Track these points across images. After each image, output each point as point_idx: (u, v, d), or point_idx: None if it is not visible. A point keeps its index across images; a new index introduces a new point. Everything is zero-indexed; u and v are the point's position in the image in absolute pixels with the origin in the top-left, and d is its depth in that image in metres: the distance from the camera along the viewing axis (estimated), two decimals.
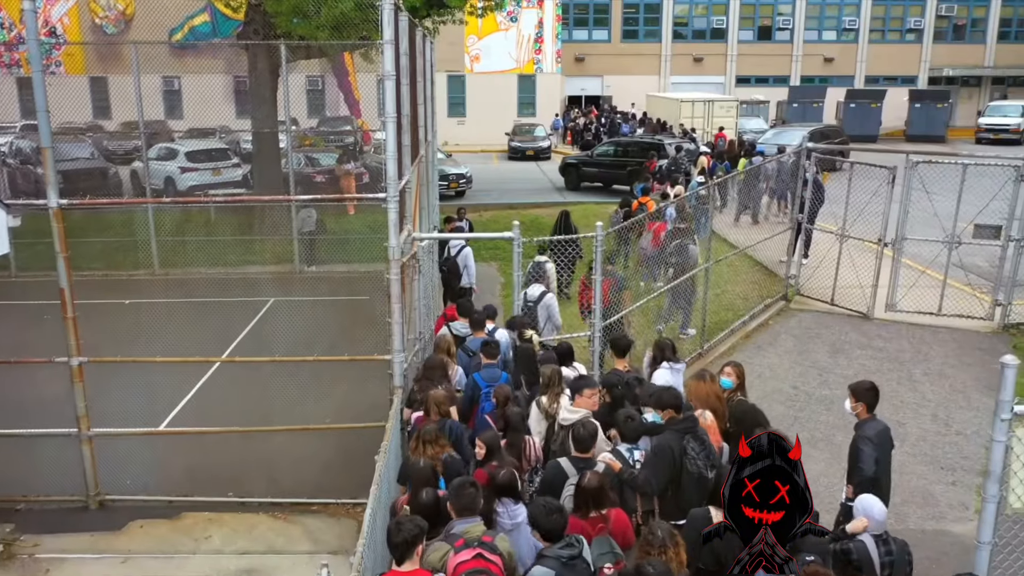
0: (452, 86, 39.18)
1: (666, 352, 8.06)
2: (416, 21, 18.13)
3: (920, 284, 12.12)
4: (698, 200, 12.20)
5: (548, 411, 7.13)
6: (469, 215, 21.45)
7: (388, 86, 7.00)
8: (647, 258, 11.63)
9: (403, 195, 8.27)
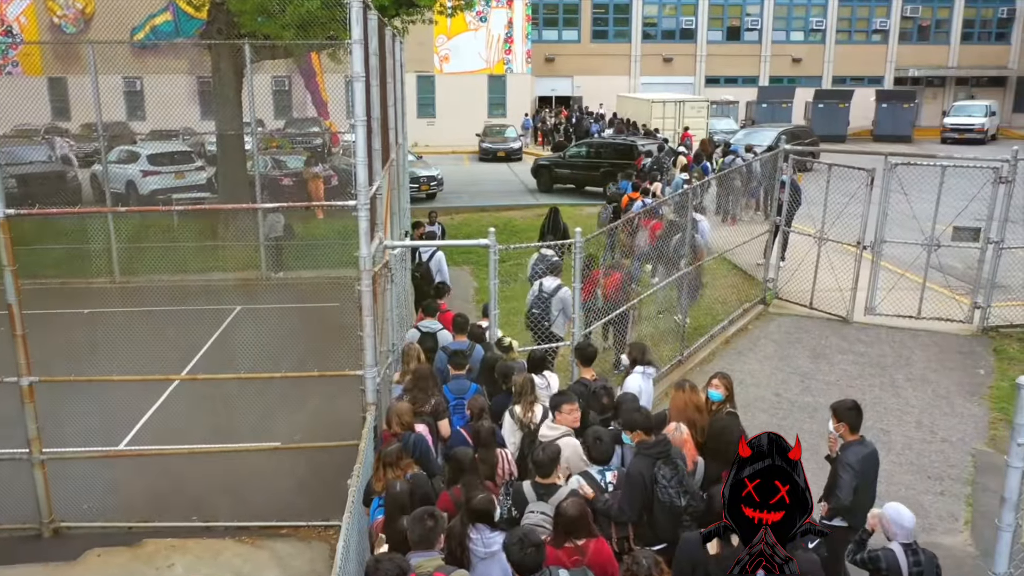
0: (422, 86, 38.76)
1: (643, 355, 7.87)
2: (385, 20, 17.77)
3: (899, 287, 12.01)
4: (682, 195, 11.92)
5: (523, 421, 6.87)
6: (441, 218, 21.12)
7: (357, 88, 6.65)
8: (642, 255, 11.38)
9: (374, 202, 7.92)
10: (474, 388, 7.43)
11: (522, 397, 6.89)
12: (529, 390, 6.89)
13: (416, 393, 7.04)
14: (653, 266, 11.45)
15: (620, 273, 10.20)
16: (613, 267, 10.41)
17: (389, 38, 10.66)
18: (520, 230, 19.80)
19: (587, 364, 7.64)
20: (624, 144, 22.66)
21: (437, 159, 35.03)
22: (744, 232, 12.97)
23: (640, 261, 11.44)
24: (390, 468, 5.79)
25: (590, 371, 7.62)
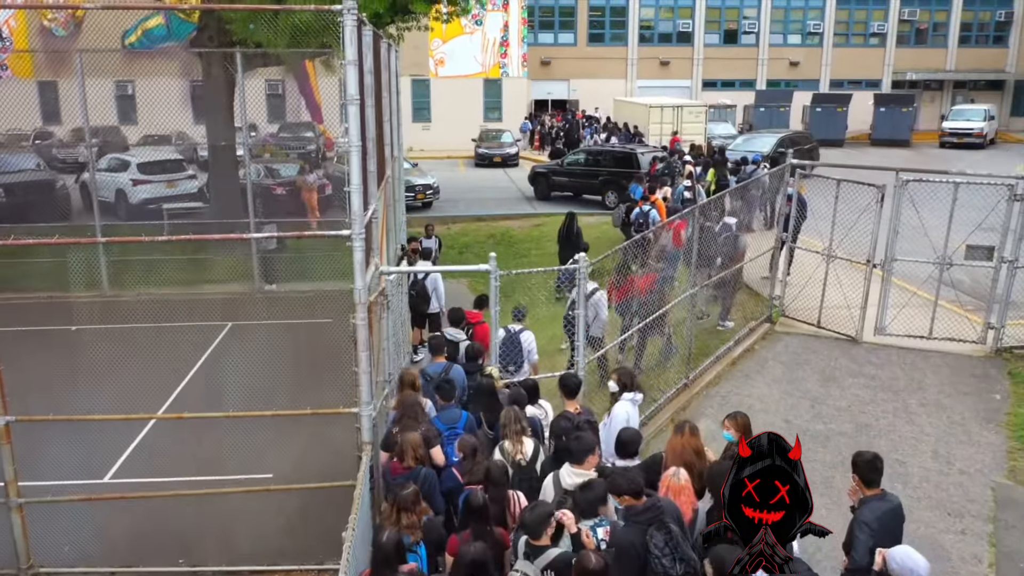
0: (417, 90, 38.38)
1: (632, 381, 7.52)
2: (380, 32, 17.36)
3: (910, 305, 11.67)
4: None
5: (513, 456, 6.55)
6: (437, 228, 20.75)
7: (351, 112, 6.28)
8: (668, 256, 11.18)
9: (369, 227, 7.56)
10: (465, 416, 7.17)
11: (507, 429, 6.62)
12: (513, 422, 6.62)
13: (405, 422, 6.82)
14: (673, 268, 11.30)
15: (653, 275, 10.11)
16: (646, 269, 10.31)
17: (384, 50, 10.28)
18: (518, 241, 19.46)
19: (571, 396, 7.30)
20: (623, 152, 22.29)
21: (432, 164, 34.68)
22: (752, 248, 12.61)
23: (672, 264, 11.21)
24: (405, 513, 5.51)
25: (574, 403, 7.29)
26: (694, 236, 10.32)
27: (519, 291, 13.26)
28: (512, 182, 28.50)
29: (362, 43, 7.13)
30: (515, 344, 8.95)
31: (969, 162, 34.99)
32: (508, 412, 6.72)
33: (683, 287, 10.87)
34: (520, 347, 8.97)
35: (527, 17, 39.85)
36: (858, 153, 38.29)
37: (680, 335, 10.87)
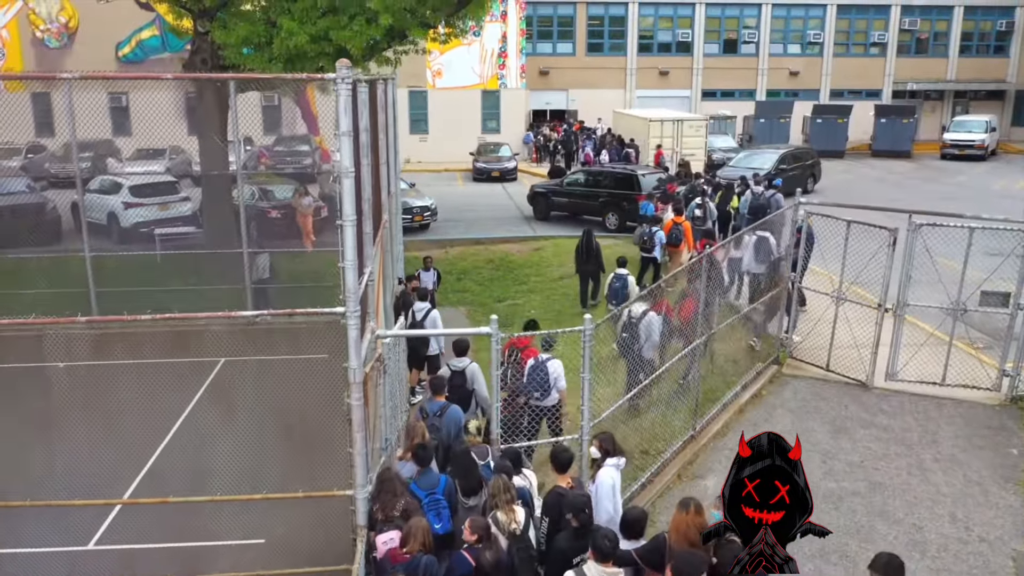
0: (414, 102, 38.00)
1: (614, 447, 7.23)
2: (368, 66, 16.94)
3: (922, 347, 11.34)
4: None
5: (507, 526, 6.33)
6: (434, 252, 20.40)
7: (346, 186, 5.93)
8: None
9: (365, 293, 7.22)
10: (443, 481, 6.99)
11: (496, 499, 6.42)
12: (504, 492, 6.42)
13: (384, 497, 6.54)
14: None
15: (693, 300, 10.14)
16: (686, 295, 10.44)
17: (381, 92, 9.93)
18: (517, 266, 19.12)
19: (562, 471, 7.00)
20: (624, 173, 21.94)
21: (430, 178, 34.33)
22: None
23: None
24: None
25: (565, 478, 6.97)
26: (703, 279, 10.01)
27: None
28: (511, 199, 28.14)
29: (357, 108, 6.80)
30: (542, 372, 9.22)
31: (971, 175, 34.77)
32: (497, 482, 6.53)
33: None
34: (547, 375, 9.22)
35: (525, 28, 39.51)
36: (859, 165, 38.04)
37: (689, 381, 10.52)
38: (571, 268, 18.86)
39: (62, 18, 35.36)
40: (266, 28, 15.63)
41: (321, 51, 15.29)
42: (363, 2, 14.49)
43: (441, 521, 6.80)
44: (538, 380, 9.19)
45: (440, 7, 15.55)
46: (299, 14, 15.26)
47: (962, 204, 26.89)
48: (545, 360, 9.30)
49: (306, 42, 14.69)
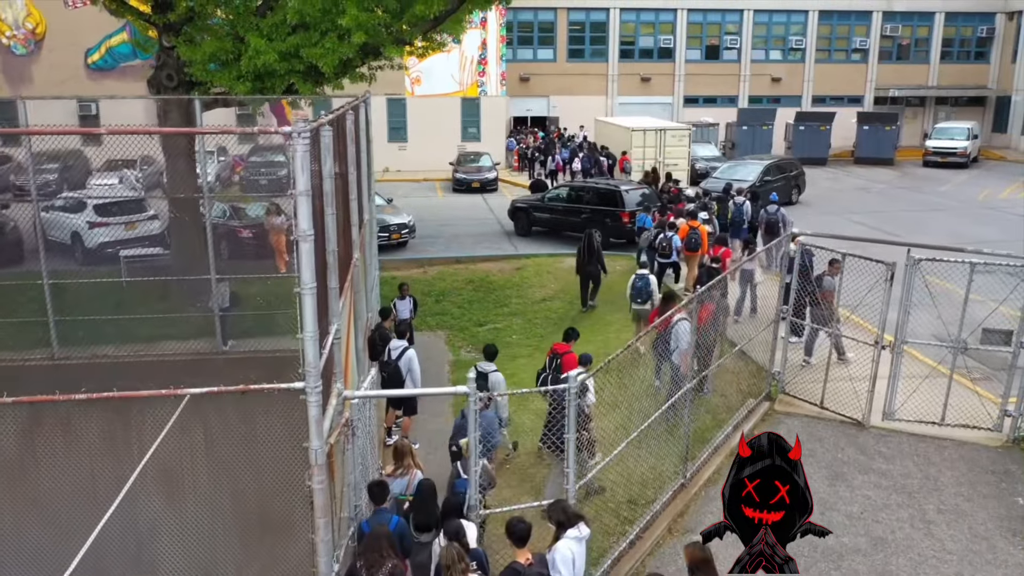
0: (392, 110, 37.32)
1: (568, 517, 6.66)
2: (341, 83, 16.24)
3: (921, 386, 10.86)
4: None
5: None
6: (412, 272, 19.76)
7: (304, 250, 5.32)
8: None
9: (330, 354, 6.61)
10: (395, 521, 6.78)
11: (454, 571, 5.98)
12: (459, 562, 5.99)
13: (370, 556, 6.10)
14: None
15: (712, 305, 10.49)
16: (705, 300, 10.63)
17: (351, 124, 9.31)
18: (498, 287, 18.54)
19: (520, 544, 6.46)
20: (607, 189, 21.36)
21: (409, 188, 33.69)
22: (753, 322, 11.75)
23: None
24: None
25: (525, 552, 6.45)
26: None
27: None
28: (491, 212, 27.52)
29: (321, 153, 6.21)
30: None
31: (954, 183, 34.57)
32: (450, 551, 6.07)
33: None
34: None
35: (505, 34, 38.90)
36: (842, 173, 37.78)
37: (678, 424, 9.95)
38: (553, 289, 18.34)
39: (29, 24, 34.35)
40: (234, 44, 14.94)
41: (291, 68, 14.62)
42: (335, 19, 13.82)
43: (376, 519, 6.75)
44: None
45: (416, 23, 14.91)
46: (268, 30, 14.58)
47: (949, 216, 26.65)
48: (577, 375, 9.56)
49: (275, 60, 14.01)
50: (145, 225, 19.61)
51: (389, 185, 34.09)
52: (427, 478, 7.55)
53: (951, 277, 10.28)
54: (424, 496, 7.16)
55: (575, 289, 18.21)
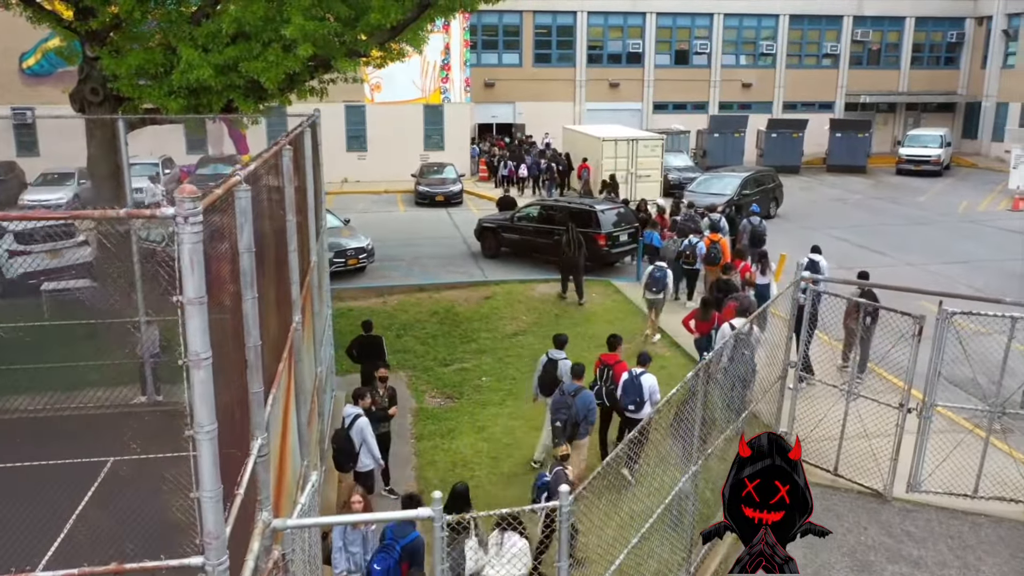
0: (350, 117, 35.56)
1: None
2: (288, 99, 14.64)
3: (952, 454, 9.55)
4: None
5: None
6: (371, 301, 18.17)
7: (198, 379, 3.75)
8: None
9: (254, 470, 5.05)
10: (413, 536, 7.10)
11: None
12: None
13: None
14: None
15: (737, 303, 11.67)
16: (732, 299, 12.02)
17: (287, 159, 7.69)
18: (465, 319, 16.97)
19: None
20: (580, 208, 19.90)
21: (368, 200, 31.98)
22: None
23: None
24: None
25: None
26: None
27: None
28: (456, 229, 25.92)
29: (238, 217, 4.65)
30: (637, 385, 10.10)
31: (930, 193, 33.79)
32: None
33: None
34: (642, 388, 10.08)
35: (469, 38, 37.32)
36: (816, 182, 36.86)
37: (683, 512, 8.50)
38: (526, 322, 16.88)
39: None
40: (164, 56, 13.24)
41: (230, 84, 12.95)
42: (278, 28, 12.19)
43: (381, 566, 6.94)
44: (633, 393, 10.08)
45: (372, 32, 13.31)
46: (204, 40, 12.91)
47: (932, 231, 25.71)
48: (639, 374, 10.15)
49: (210, 75, 12.32)
50: (72, 252, 17.72)
51: (348, 198, 32.39)
52: (462, 482, 7.96)
53: (987, 325, 8.96)
54: (457, 497, 7.52)
55: (549, 321, 16.76)
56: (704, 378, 7.98)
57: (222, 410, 4.42)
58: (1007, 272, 20.48)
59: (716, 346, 9.68)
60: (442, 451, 11.94)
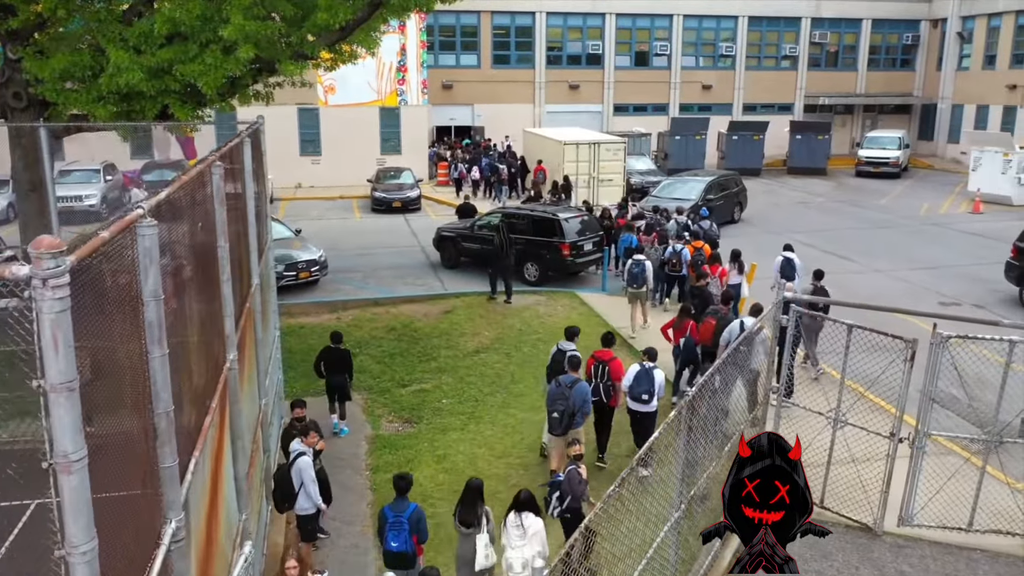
0: (304, 121, 34.44)
1: None
2: (230, 104, 13.65)
3: (945, 485, 8.96)
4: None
5: None
6: (323, 317, 17.29)
7: (68, 485, 2.88)
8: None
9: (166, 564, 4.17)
10: (412, 508, 7.71)
11: None
12: None
13: None
14: None
15: (715, 320, 11.92)
16: (710, 314, 12.20)
17: (217, 180, 6.78)
18: (424, 336, 16.10)
19: None
20: (545, 218, 19.09)
21: (323, 207, 30.90)
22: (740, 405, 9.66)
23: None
24: None
25: None
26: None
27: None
28: (414, 237, 25.01)
29: (140, 259, 3.78)
30: (649, 377, 10.45)
31: (891, 195, 33.73)
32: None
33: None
34: (654, 380, 10.44)
35: (426, 39, 36.39)
36: (778, 184, 36.63)
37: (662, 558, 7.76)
38: (488, 338, 16.07)
39: None
40: (93, 58, 12.15)
41: (164, 88, 11.93)
42: (216, 28, 11.21)
43: (397, 542, 7.52)
44: (647, 383, 10.38)
45: (320, 33, 12.38)
46: (135, 41, 11.86)
47: (897, 235, 25.45)
48: (652, 367, 10.48)
49: (141, 79, 11.29)
50: None
51: (301, 204, 31.27)
52: (475, 477, 8.20)
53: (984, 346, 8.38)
54: (469, 493, 7.76)
55: (512, 337, 15.98)
56: (687, 416, 7.26)
57: (114, 504, 3.56)
58: (975, 278, 20.22)
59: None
60: None
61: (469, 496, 7.78)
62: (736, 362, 8.76)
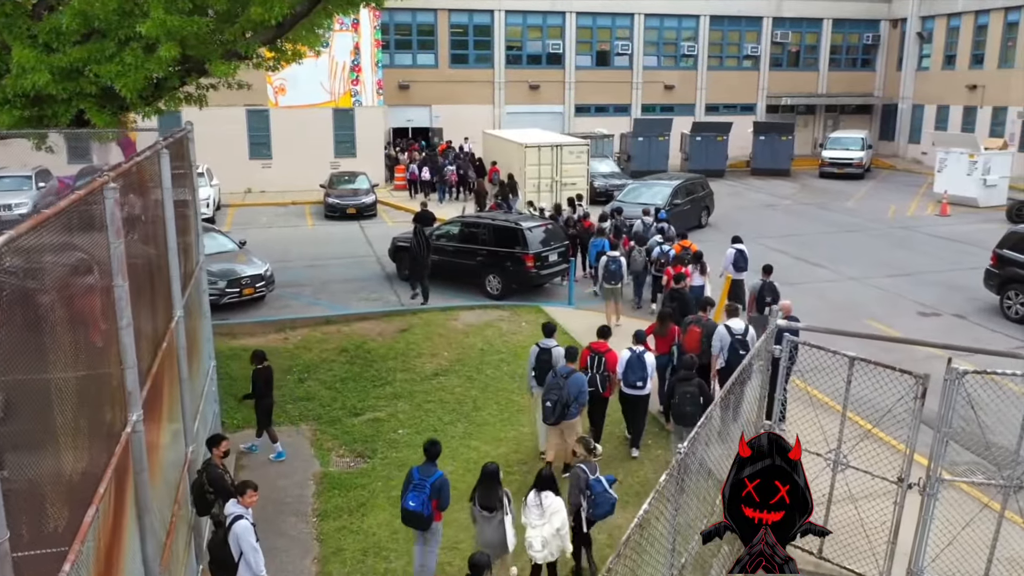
0: (253, 123, 32.91)
1: None
2: (155, 108, 12.39)
3: (959, 535, 8.05)
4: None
5: None
6: (270, 338, 16.03)
7: None
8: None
9: None
10: (438, 475, 7.96)
11: None
12: None
13: None
14: None
15: (700, 328, 11.71)
16: (692, 322, 11.92)
17: (111, 209, 5.57)
18: (378, 357, 14.90)
19: None
20: (506, 226, 17.98)
21: (273, 213, 29.46)
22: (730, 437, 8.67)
23: None
24: None
25: None
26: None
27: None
28: (369, 246, 23.74)
29: None
30: (641, 363, 10.75)
31: (857, 197, 33.29)
32: None
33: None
34: (645, 365, 10.76)
35: (381, 38, 35.06)
36: (742, 186, 36.04)
37: None
38: (447, 359, 14.94)
39: None
40: None
41: (79, 90, 10.59)
42: (134, 24, 9.91)
43: (415, 502, 7.79)
44: (640, 369, 10.69)
45: (254, 30, 11.13)
46: (45, 37, 10.51)
47: (866, 239, 24.83)
48: (641, 352, 10.76)
49: (48, 81, 9.95)
50: None
51: (250, 211, 29.78)
52: (492, 461, 8.19)
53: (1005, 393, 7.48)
54: (488, 479, 7.80)
55: (474, 357, 14.87)
56: (679, 476, 6.22)
57: None
58: (951, 285, 19.60)
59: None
60: (351, 533, 9.90)
61: (487, 481, 7.84)
62: (743, 380, 7.89)
